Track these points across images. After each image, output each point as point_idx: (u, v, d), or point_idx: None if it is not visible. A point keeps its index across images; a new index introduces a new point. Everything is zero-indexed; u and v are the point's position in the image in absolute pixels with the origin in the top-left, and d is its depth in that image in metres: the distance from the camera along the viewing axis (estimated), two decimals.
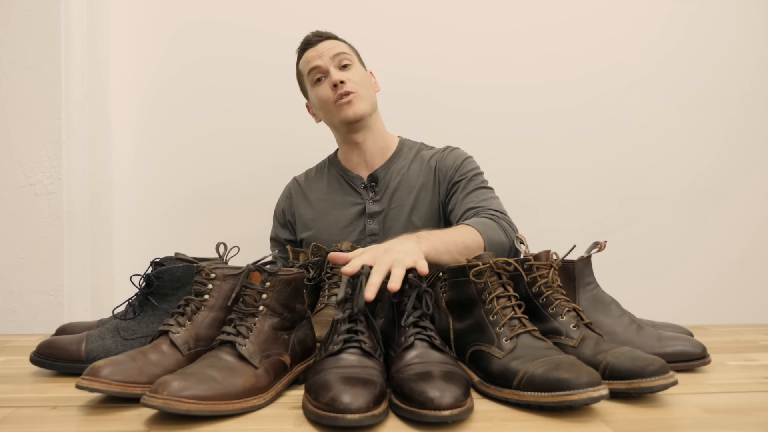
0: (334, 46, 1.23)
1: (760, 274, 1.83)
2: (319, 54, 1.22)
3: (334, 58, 1.22)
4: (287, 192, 1.38)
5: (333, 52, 1.22)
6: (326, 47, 1.23)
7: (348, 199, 1.28)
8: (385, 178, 1.27)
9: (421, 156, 1.30)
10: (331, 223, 1.27)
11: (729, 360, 0.84)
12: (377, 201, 1.26)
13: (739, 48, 1.82)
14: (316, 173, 1.37)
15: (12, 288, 1.46)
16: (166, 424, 0.57)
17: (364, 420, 0.53)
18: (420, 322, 0.69)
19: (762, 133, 1.84)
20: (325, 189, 1.32)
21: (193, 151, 1.76)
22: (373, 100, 1.26)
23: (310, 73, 1.24)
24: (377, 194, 1.27)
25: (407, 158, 1.30)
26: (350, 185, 1.29)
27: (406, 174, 1.27)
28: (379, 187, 1.27)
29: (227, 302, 0.71)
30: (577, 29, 1.80)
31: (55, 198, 1.46)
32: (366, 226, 1.25)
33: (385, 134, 1.32)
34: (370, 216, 1.25)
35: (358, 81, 1.21)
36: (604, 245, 0.85)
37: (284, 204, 1.37)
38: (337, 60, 1.22)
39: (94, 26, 1.59)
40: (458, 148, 1.31)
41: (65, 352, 0.76)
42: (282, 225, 1.36)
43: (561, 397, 0.56)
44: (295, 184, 1.38)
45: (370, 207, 1.25)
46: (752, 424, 0.57)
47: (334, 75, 1.20)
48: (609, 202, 1.81)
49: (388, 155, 1.30)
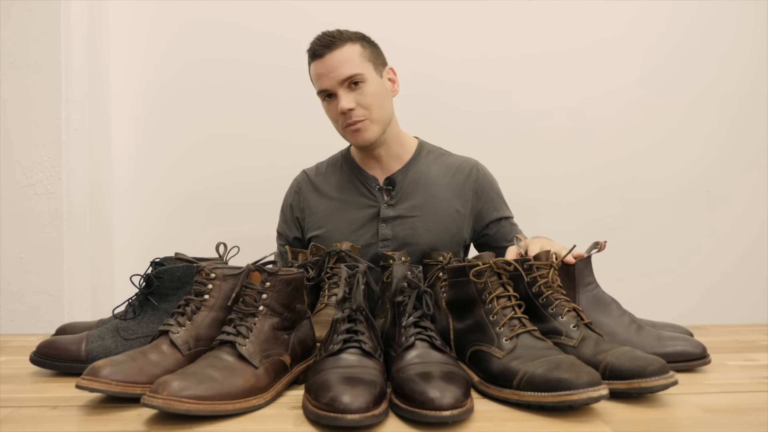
0: (343, 62, 1.11)
1: (760, 274, 1.83)
2: (326, 73, 1.12)
3: (342, 81, 1.11)
4: (296, 186, 1.31)
5: (342, 74, 1.11)
6: (334, 63, 1.11)
7: (362, 201, 1.22)
8: (403, 182, 1.22)
9: (444, 163, 1.25)
10: (343, 224, 1.21)
11: (729, 360, 0.84)
12: (392, 205, 1.20)
13: (739, 48, 1.82)
14: (328, 168, 1.30)
15: (12, 288, 1.46)
16: (166, 424, 0.57)
17: (364, 420, 0.53)
18: (420, 322, 0.69)
19: (762, 133, 1.84)
20: (337, 186, 1.25)
21: (193, 150, 1.76)
22: (387, 115, 1.18)
23: (319, 92, 1.16)
24: (393, 198, 1.21)
25: (426, 163, 1.25)
26: (365, 185, 1.23)
27: (425, 180, 1.22)
28: (396, 191, 1.21)
29: (227, 302, 0.71)
30: (577, 29, 1.80)
31: (55, 198, 1.46)
32: (379, 230, 1.19)
33: (402, 139, 1.25)
34: (384, 220, 1.19)
35: (368, 102, 1.13)
36: (604, 245, 0.85)
37: (292, 199, 1.30)
38: (346, 82, 1.12)
39: (94, 26, 1.59)
40: (486, 169, 1.28)
41: (65, 352, 0.76)
42: (289, 221, 1.30)
43: (561, 397, 0.56)
44: (305, 178, 1.30)
45: (384, 211, 1.19)
46: (752, 424, 0.57)
47: (341, 102, 1.11)
48: (609, 202, 1.81)
49: (405, 159, 1.24)
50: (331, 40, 1.12)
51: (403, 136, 1.26)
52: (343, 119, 1.14)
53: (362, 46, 1.15)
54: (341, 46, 1.12)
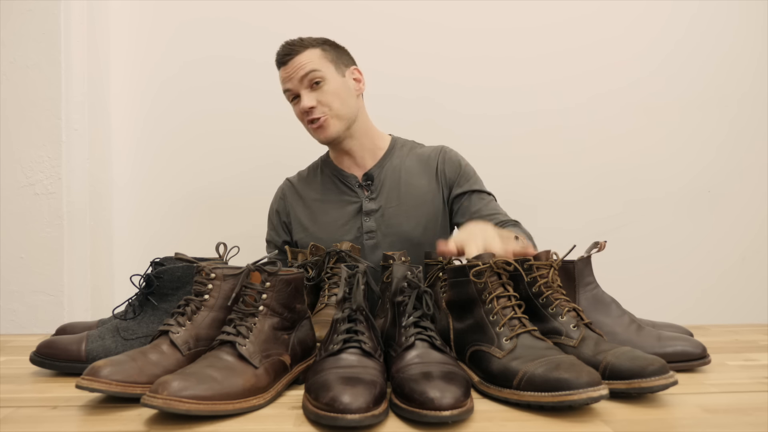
0: (303, 64, 1.19)
1: (760, 274, 1.83)
2: (289, 76, 1.20)
3: (302, 79, 1.19)
4: (280, 193, 1.37)
5: (301, 72, 1.18)
6: (295, 66, 1.19)
7: (344, 198, 1.29)
8: (380, 176, 1.28)
9: (416, 153, 1.31)
10: (328, 222, 1.28)
11: (729, 360, 0.84)
12: (373, 199, 1.27)
13: (739, 48, 1.82)
14: (309, 173, 1.37)
15: (12, 288, 1.46)
16: (166, 424, 0.57)
17: (364, 420, 0.53)
18: (420, 322, 0.69)
19: (762, 133, 1.84)
20: (320, 189, 1.32)
21: (193, 150, 1.76)
22: (351, 112, 1.24)
23: (285, 94, 1.25)
24: (373, 192, 1.27)
25: (400, 156, 1.31)
26: (345, 184, 1.29)
27: (401, 171, 1.28)
28: (375, 185, 1.28)
29: (227, 302, 0.71)
30: (577, 29, 1.80)
31: (55, 198, 1.46)
32: (363, 223, 1.25)
33: (374, 134, 1.31)
34: (367, 214, 1.25)
35: (328, 100, 1.19)
36: (604, 245, 0.85)
37: (278, 205, 1.36)
38: (307, 80, 1.19)
39: (94, 26, 1.59)
40: (453, 150, 1.32)
41: (65, 352, 0.76)
42: (277, 226, 1.36)
43: (561, 397, 0.56)
44: (289, 185, 1.37)
45: (366, 205, 1.26)
46: (752, 424, 0.57)
47: (303, 100, 1.19)
48: (609, 202, 1.81)
49: (379, 155, 1.30)
50: (291, 48, 1.21)
51: (374, 132, 1.33)
52: (305, 117, 1.22)
53: (323, 49, 1.22)
54: (302, 51, 1.20)
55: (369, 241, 1.24)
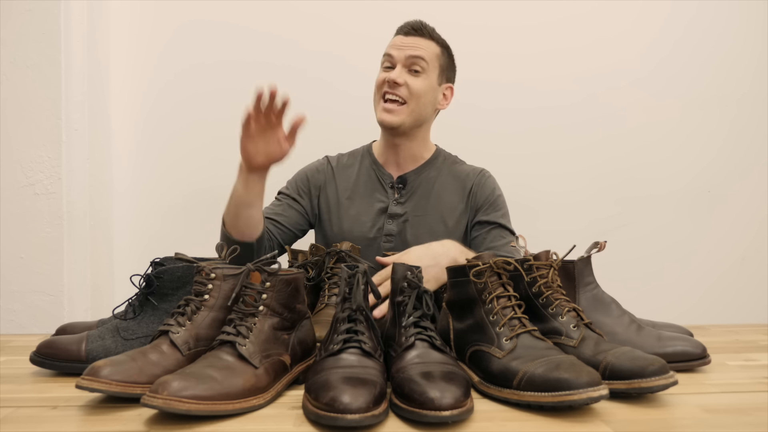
0: (421, 47, 1.20)
1: (760, 274, 1.83)
2: (403, 45, 1.21)
3: (410, 58, 1.19)
4: (318, 165, 1.34)
5: (414, 52, 1.19)
6: (413, 44, 1.20)
7: (374, 195, 1.27)
8: (414, 182, 1.26)
9: (454, 170, 1.30)
10: (352, 215, 1.25)
11: (729, 360, 0.84)
12: (401, 203, 1.25)
13: (739, 48, 1.82)
14: (349, 159, 1.34)
15: (12, 288, 1.46)
16: (166, 424, 0.57)
17: (364, 420, 0.53)
18: (420, 322, 0.69)
19: (762, 133, 1.84)
20: (354, 178, 1.30)
21: (193, 150, 1.75)
22: (422, 117, 1.23)
23: (384, 56, 1.24)
24: (402, 197, 1.26)
25: (439, 168, 1.29)
26: (379, 181, 1.28)
27: (435, 185, 1.26)
28: (406, 191, 1.26)
29: (227, 302, 0.71)
30: (577, 28, 1.80)
31: (55, 198, 1.46)
32: (385, 225, 1.23)
33: (424, 144, 1.30)
34: (391, 216, 1.24)
35: (414, 92, 1.19)
36: (603, 245, 0.85)
37: (311, 174, 1.32)
38: (411, 61, 1.19)
39: (94, 26, 1.59)
40: (492, 177, 1.30)
41: (65, 352, 0.76)
42: (300, 187, 1.30)
43: (561, 397, 0.56)
44: (327, 164, 1.34)
45: (392, 208, 1.24)
46: (752, 424, 0.57)
47: (394, 72, 1.19)
48: (609, 202, 1.81)
49: (420, 162, 1.29)
50: (422, 28, 1.23)
51: (427, 142, 1.32)
52: (385, 89, 1.20)
53: (442, 52, 1.25)
54: (427, 38, 1.22)
55: (386, 244, 1.22)
